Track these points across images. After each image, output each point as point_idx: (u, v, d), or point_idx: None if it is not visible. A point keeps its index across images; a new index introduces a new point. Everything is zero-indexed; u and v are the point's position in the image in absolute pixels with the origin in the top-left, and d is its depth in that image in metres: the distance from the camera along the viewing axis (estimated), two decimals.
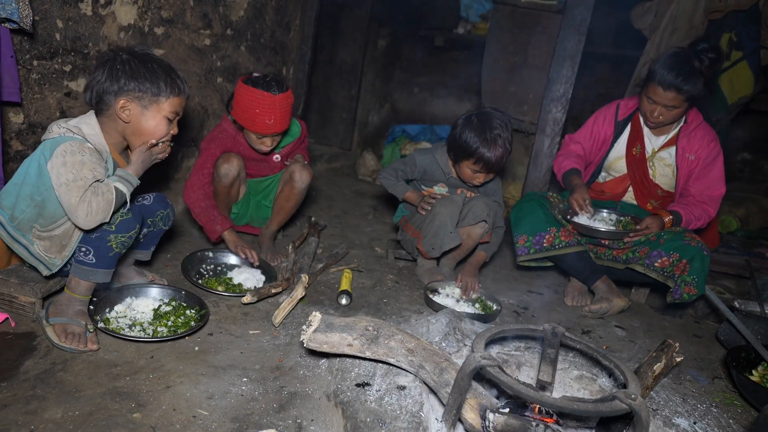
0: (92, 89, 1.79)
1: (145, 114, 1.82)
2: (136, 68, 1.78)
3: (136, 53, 1.82)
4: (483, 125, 2.46)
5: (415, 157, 2.70)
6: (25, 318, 1.86)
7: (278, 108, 2.38)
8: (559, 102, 3.39)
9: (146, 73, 1.79)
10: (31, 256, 1.81)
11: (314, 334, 1.63)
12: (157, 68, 1.81)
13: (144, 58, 1.81)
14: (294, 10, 3.74)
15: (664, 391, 1.95)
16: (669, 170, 2.71)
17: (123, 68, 1.76)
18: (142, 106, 1.80)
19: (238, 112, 2.44)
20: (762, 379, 2.13)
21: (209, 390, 1.64)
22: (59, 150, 1.69)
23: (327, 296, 2.41)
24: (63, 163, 1.68)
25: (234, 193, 2.67)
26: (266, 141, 2.50)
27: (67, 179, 1.67)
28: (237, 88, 2.42)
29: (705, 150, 2.62)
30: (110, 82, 1.76)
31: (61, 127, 1.75)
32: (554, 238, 2.61)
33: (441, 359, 1.55)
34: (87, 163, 1.70)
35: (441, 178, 2.69)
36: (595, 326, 2.54)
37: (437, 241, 2.55)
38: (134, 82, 1.77)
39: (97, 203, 1.69)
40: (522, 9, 3.79)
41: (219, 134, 2.58)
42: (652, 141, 2.73)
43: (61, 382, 1.58)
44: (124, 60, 1.78)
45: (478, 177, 2.54)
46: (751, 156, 5.06)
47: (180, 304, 2.05)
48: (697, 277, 2.43)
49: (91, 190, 1.69)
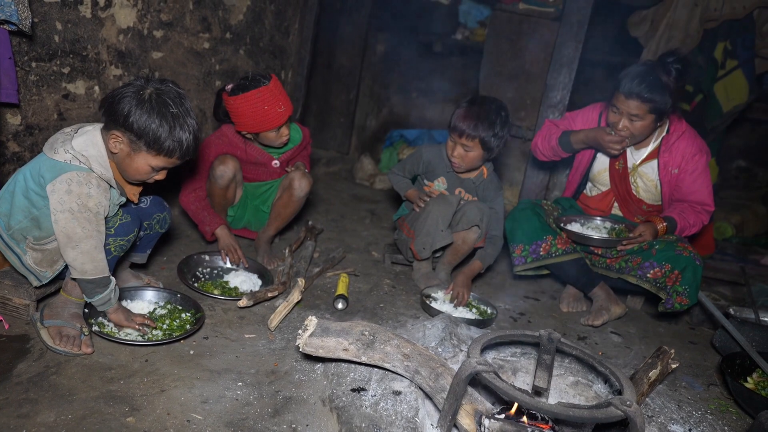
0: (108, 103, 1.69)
1: (131, 156, 1.71)
2: (145, 111, 1.65)
3: (160, 97, 1.68)
4: (474, 100, 2.55)
5: (422, 150, 2.74)
6: (19, 320, 1.85)
7: (278, 93, 2.41)
8: (556, 108, 3.41)
9: (150, 122, 1.66)
10: (22, 266, 1.78)
11: (310, 339, 1.63)
12: (165, 121, 1.67)
13: (162, 105, 1.67)
14: (293, 14, 3.75)
15: (659, 397, 1.95)
16: (652, 185, 2.64)
17: (137, 104, 1.65)
18: (132, 149, 1.70)
19: (244, 122, 2.43)
20: (757, 386, 2.13)
21: (204, 394, 1.64)
22: (65, 177, 1.63)
23: (323, 300, 2.41)
24: (68, 191, 1.63)
25: (230, 195, 2.66)
26: (284, 131, 2.51)
27: (72, 208, 1.63)
28: (230, 103, 2.40)
29: (690, 164, 2.54)
30: (119, 107, 1.66)
31: (68, 152, 1.66)
32: (551, 246, 2.59)
33: (437, 364, 1.55)
34: (93, 197, 1.65)
35: (443, 171, 2.70)
36: (591, 332, 2.54)
37: (428, 240, 2.55)
38: (134, 123, 1.65)
39: (103, 257, 1.69)
40: (520, 16, 3.81)
41: (216, 138, 2.58)
42: (633, 155, 2.65)
43: (55, 386, 1.57)
44: (143, 98, 1.66)
45: (456, 149, 2.52)
46: (746, 163, 5.09)
47: (175, 307, 2.05)
48: (689, 287, 2.40)
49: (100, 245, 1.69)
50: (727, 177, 4.99)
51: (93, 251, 1.67)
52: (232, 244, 2.50)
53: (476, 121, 2.45)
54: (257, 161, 2.63)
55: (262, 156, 2.63)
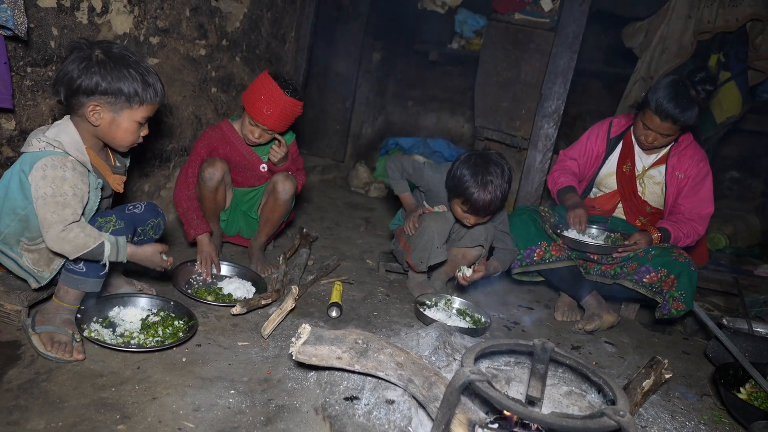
0: (62, 84, 1.68)
1: (116, 120, 1.74)
2: (111, 71, 1.67)
3: (112, 53, 1.70)
4: (479, 167, 2.37)
5: (425, 170, 2.66)
6: (10, 326, 1.83)
7: (280, 106, 2.42)
8: (551, 118, 3.43)
9: (121, 78, 1.68)
10: (20, 269, 1.78)
11: (303, 347, 1.62)
12: (133, 72, 1.71)
13: (120, 60, 1.70)
14: (290, 22, 3.76)
15: (653, 407, 1.95)
16: (658, 188, 2.74)
17: (98, 69, 1.66)
18: (114, 111, 1.72)
19: (247, 93, 2.50)
20: (750, 396, 2.13)
21: (196, 402, 1.62)
22: (40, 164, 1.64)
23: (317, 308, 2.40)
24: (43, 177, 1.63)
25: (220, 198, 2.65)
26: (255, 131, 2.51)
27: (45, 193, 1.62)
28: (258, 76, 2.49)
29: (694, 169, 2.65)
30: (82, 80, 1.66)
31: (41, 140, 1.67)
32: (545, 252, 2.63)
33: (430, 373, 1.54)
34: (68, 179, 1.65)
35: (444, 200, 2.65)
36: (585, 342, 2.55)
37: (425, 255, 2.54)
38: (108, 86, 1.67)
39: (75, 234, 1.65)
40: (515, 26, 3.84)
41: (212, 131, 2.60)
42: (642, 159, 2.76)
43: (45, 393, 1.55)
44: (100, 60, 1.67)
45: (467, 218, 2.46)
46: (740, 174, 5.13)
47: (168, 314, 2.03)
48: (685, 292, 2.45)
49: (79, 222, 1.66)
50: (721, 188, 5.02)
51: (62, 233, 1.64)
52: (209, 255, 2.45)
53: (488, 208, 2.38)
54: (245, 163, 2.64)
55: (251, 155, 2.63)
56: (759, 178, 5.08)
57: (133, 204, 2.01)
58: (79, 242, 1.66)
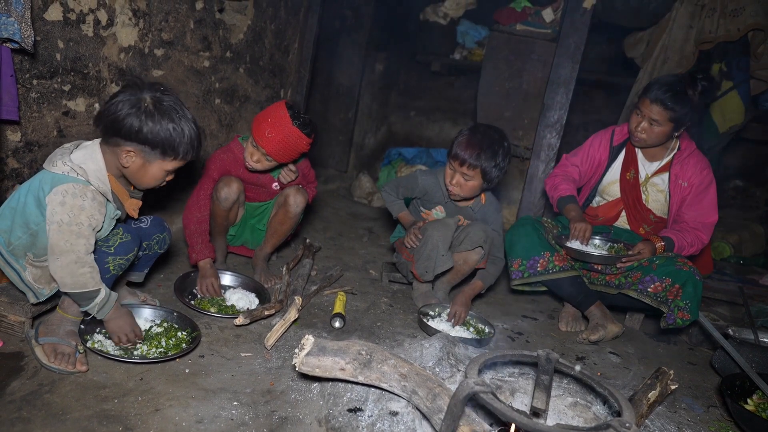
0: (106, 121, 1.68)
1: (145, 166, 1.74)
2: (156, 123, 1.67)
3: (162, 106, 1.69)
4: (476, 129, 2.52)
5: (418, 177, 2.70)
6: (13, 338, 1.83)
7: (283, 132, 2.37)
8: (554, 128, 3.43)
9: (163, 132, 1.68)
10: (21, 282, 1.78)
11: (306, 358, 1.61)
12: (177, 129, 1.70)
13: (167, 113, 1.69)
14: (293, 33, 3.79)
15: (659, 419, 1.93)
16: (662, 196, 2.73)
17: (144, 118, 1.66)
18: (146, 159, 1.72)
19: (258, 114, 2.48)
20: (757, 408, 2.11)
21: (199, 414, 1.62)
22: (60, 188, 1.63)
23: (320, 319, 2.40)
24: (61, 203, 1.63)
25: (233, 216, 2.66)
26: (254, 153, 2.45)
27: (62, 220, 1.62)
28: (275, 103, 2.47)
29: (698, 177, 2.64)
30: (125, 124, 1.65)
31: (66, 164, 1.66)
32: (548, 263, 2.62)
33: (434, 385, 1.53)
34: (86, 209, 1.65)
35: (440, 200, 2.69)
36: (590, 352, 2.53)
37: (430, 264, 2.54)
38: (147, 137, 1.67)
39: (83, 273, 1.65)
40: (517, 36, 3.86)
41: (222, 153, 2.58)
42: (645, 167, 2.75)
43: (48, 404, 1.55)
44: (148, 111, 1.67)
45: (455, 177, 2.49)
46: (743, 183, 5.12)
47: (171, 325, 2.03)
48: (690, 301, 2.43)
49: (89, 258, 1.67)
50: (725, 197, 5.01)
51: (73, 266, 1.64)
52: (210, 283, 2.40)
53: (479, 151, 2.42)
54: (257, 182, 2.64)
55: (264, 176, 2.63)
56: (763, 187, 5.07)
57: (139, 218, 2.01)
58: (82, 280, 1.66)
